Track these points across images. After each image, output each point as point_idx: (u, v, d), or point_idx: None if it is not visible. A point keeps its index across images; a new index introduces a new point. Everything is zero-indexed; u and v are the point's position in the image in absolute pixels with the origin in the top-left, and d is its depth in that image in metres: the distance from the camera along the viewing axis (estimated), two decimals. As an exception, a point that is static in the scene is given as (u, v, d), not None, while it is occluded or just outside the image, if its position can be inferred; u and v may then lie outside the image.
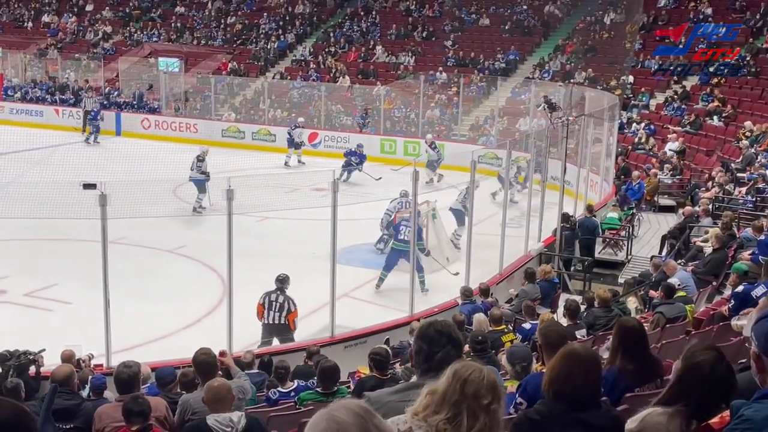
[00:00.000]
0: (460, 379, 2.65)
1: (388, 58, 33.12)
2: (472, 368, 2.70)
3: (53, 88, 34.28)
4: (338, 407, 2.04)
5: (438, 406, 2.63)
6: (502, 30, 33.24)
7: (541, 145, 16.54)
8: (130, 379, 6.29)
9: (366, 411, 2.05)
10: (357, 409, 2.03)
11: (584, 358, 3.38)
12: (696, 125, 23.38)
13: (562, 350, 3.47)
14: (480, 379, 2.66)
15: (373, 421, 2.03)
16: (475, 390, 2.63)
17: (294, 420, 6.35)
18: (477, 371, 2.69)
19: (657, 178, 19.88)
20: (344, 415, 2.01)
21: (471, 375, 2.66)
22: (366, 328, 11.97)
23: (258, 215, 16.12)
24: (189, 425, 5.37)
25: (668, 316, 9.22)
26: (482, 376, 2.68)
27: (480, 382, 2.65)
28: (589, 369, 3.34)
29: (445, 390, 2.65)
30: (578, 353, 3.41)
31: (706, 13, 28.69)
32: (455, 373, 2.68)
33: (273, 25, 36.51)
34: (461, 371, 2.68)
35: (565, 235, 15.49)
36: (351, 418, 2.00)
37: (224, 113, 31.39)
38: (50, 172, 21.08)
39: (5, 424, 1.96)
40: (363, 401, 2.44)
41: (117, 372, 6.40)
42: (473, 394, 2.62)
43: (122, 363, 6.57)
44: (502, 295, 13.31)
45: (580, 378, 3.28)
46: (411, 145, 27.06)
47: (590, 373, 3.33)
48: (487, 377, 2.69)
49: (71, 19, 39.75)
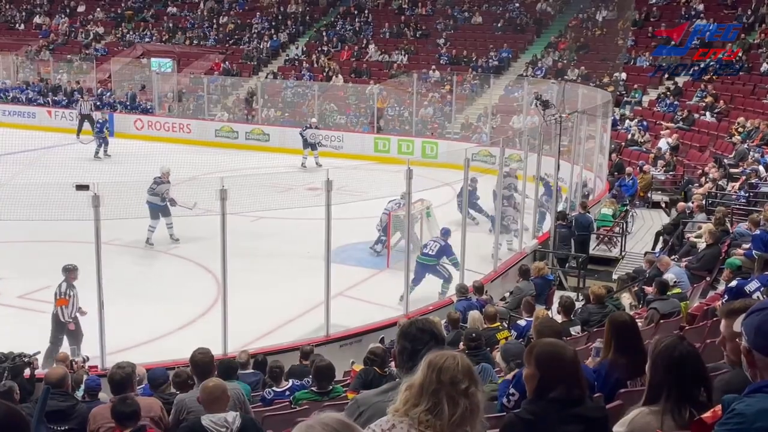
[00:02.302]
0: (435, 368, 2.67)
1: (381, 57, 33.12)
2: (445, 356, 2.72)
3: (45, 89, 34.19)
4: (316, 423, 2.01)
5: (417, 398, 2.64)
6: (494, 28, 33.26)
7: (535, 143, 16.57)
8: (123, 380, 6.29)
9: (344, 425, 2.02)
10: (336, 425, 2.01)
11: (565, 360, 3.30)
12: (689, 121, 23.44)
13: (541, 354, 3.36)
14: (455, 365, 2.68)
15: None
16: (452, 376, 2.65)
17: (289, 419, 6.35)
18: (450, 358, 2.71)
19: (650, 174, 19.93)
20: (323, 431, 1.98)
21: (445, 362, 2.68)
22: (361, 326, 11.97)
23: (252, 215, 16.10)
24: (184, 425, 5.36)
25: (662, 311, 9.24)
26: (456, 362, 2.70)
27: (455, 368, 2.67)
28: (570, 370, 3.28)
29: (422, 381, 2.66)
30: (559, 357, 3.32)
31: (698, 9, 28.74)
32: (429, 363, 2.69)
33: (265, 25, 36.47)
34: (435, 360, 2.70)
35: (561, 232, 15.51)
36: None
37: (217, 113, 31.35)
38: (43, 174, 21.05)
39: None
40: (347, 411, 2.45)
41: (111, 373, 6.41)
42: (450, 381, 2.64)
43: (116, 364, 6.58)
44: (497, 293, 13.34)
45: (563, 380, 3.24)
46: (405, 144, 27.08)
47: (572, 374, 3.27)
48: (461, 362, 2.71)
49: (63, 21, 39.64)
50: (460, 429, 2.61)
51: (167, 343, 11.53)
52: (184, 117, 31.16)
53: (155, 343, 11.55)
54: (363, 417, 3.09)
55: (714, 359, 4.17)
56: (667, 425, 3.08)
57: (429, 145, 26.79)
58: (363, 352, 8.03)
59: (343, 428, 1.98)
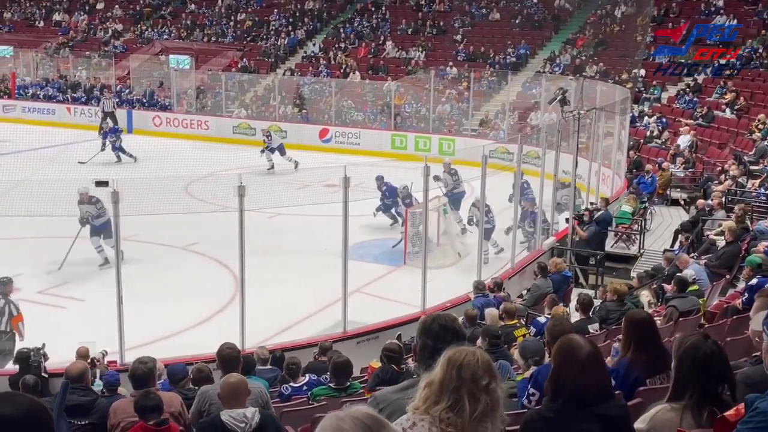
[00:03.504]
0: (456, 365, 2.65)
1: (399, 54, 33.08)
2: (464, 352, 2.70)
3: (65, 86, 34.40)
4: (345, 417, 1.98)
5: (438, 396, 2.63)
6: (512, 24, 33.15)
7: (552, 140, 16.51)
8: (145, 375, 6.32)
9: (375, 421, 2.00)
10: (366, 420, 1.98)
11: (578, 355, 3.27)
12: (708, 118, 23.26)
13: (556, 350, 3.37)
14: (475, 361, 2.66)
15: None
16: (473, 372, 2.63)
17: (307, 415, 6.37)
18: (470, 354, 2.69)
19: (669, 171, 19.80)
20: (351, 426, 1.96)
21: (465, 359, 2.66)
22: (378, 323, 11.97)
23: (269, 211, 16.15)
24: (203, 421, 5.38)
25: (681, 309, 9.18)
26: (476, 357, 2.68)
27: (475, 364, 2.65)
28: (585, 366, 3.24)
29: (442, 378, 2.64)
30: (571, 352, 3.30)
31: (718, 5, 28.50)
32: (449, 360, 2.67)
33: (283, 22, 36.52)
34: (455, 357, 2.68)
35: (590, 230, 15.41)
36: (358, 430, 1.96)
37: (235, 110, 31.44)
38: (63, 170, 21.21)
39: (22, 420, 1.97)
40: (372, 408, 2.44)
41: (132, 368, 6.43)
42: (471, 377, 2.62)
43: (137, 359, 6.60)
44: (514, 290, 13.30)
45: (578, 376, 3.21)
46: (422, 141, 27.06)
47: (587, 370, 3.24)
48: (481, 358, 2.69)
49: (82, 18, 39.87)
50: (481, 425, 2.60)
51: (185, 339, 11.58)
52: (202, 114, 31.28)
53: (173, 339, 11.61)
54: (383, 414, 3.09)
55: (734, 357, 4.15)
56: (687, 423, 3.06)
57: (446, 142, 26.76)
58: (380, 349, 8.03)
59: (371, 422, 1.97)
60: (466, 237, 16.30)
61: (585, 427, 3.12)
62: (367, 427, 1.96)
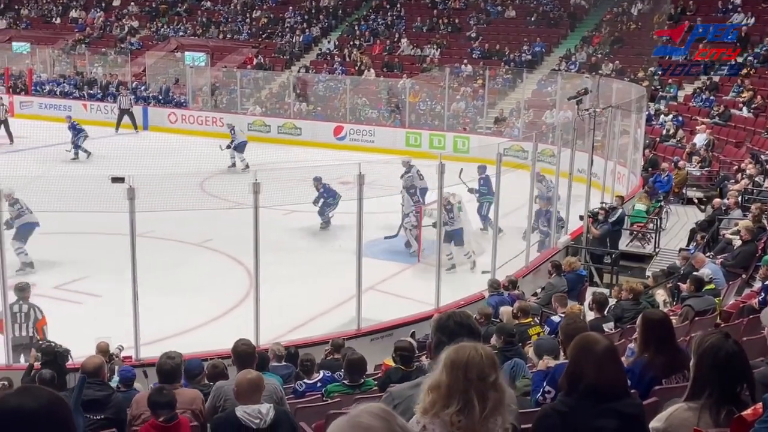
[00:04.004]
0: (461, 366, 2.61)
1: (414, 51, 33.05)
2: (467, 351, 2.66)
3: (81, 83, 34.59)
4: (360, 413, 2.01)
5: (446, 399, 2.60)
6: (528, 22, 33.04)
7: (568, 138, 16.46)
8: (174, 370, 6.31)
9: (388, 413, 2.02)
10: (380, 412, 2.01)
11: (595, 351, 3.27)
12: (725, 117, 23.11)
13: (573, 346, 3.38)
14: (479, 359, 2.63)
15: (396, 422, 2.01)
16: (479, 371, 2.60)
17: (321, 411, 6.38)
18: (472, 351, 2.65)
19: (685, 170, 19.70)
20: (369, 419, 1.98)
21: (470, 358, 2.62)
22: (392, 320, 11.98)
23: (284, 208, 16.18)
24: (218, 416, 5.40)
25: (697, 308, 9.14)
26: (480, 354, 2.64)
27: (480, 361, 2.62)
28: (602, 363, 3.24)
29: (449, 382, 2.61)
30: (588, 348, 3.30)
31: (735, 3, 28.30)
32: (453, 363, 2.63)
33: (298, 19, 36.57)
34: (459, 358, 2.64)
35: (604, 228, 15.36)
36: (377, 422, 1.98)
37: (250, 107, 31.51)
38: (79, 166, 21.35)
39: (43, 413, 1.99)
40: (383, 403, 2.44)
41: (160, 363, 6.40)
42: (478, 377, 2.60)
43: (165, 354, 6.56)
44: (528, 289, 13.28)
45: (595, 372, 3.21)
46: (436, 138, 27.03)
47: (604, 365, 3.24)
48: (485, 353, 2.65)
49: (98, 15, 40.06)
50: (492, 420, 2.59)
51: (200, 335, 11.63)
52: (217, 111, 31.36)
53: (188, 335, 11.64)
54: (397, 410, 3.08)
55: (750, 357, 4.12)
56: (704, 422, 3.05)
57: (460, 139, 26.72)
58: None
59: (386, 414, 2.00)
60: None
61: (601, 422, 3.12)
62: (382, 418, 1.99)
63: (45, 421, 1.98)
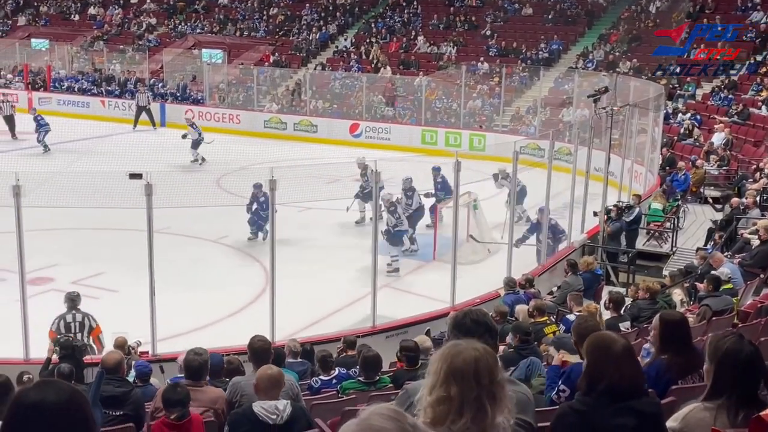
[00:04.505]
0: (471, 374, 2.50)
1: (430, 49, 33.02)
2: (472, 356, 2.52)
3: (99, 79, 34.78)
4: (370, 415, 1.99)
5: (460, 408, 2.49)
6: (545, 19, 32.92)
7: (585, 136, 16.39)
8: (201, 366, 6.29)
9: (398, 413, 2.01)
10: (390, 413, 1.99)
11: (614, 349, 3.26)
12: (744, 115, 22.95)
13: (590, 346, 3.35)
14: (486, 360, 2.52)
15: (408, 422, 1.99)
16: (489, 374, 2.50)
17: (336, 408, 6.40)
18: (479, 354, 2.53)
19: (703, 169, 19.57)
20: (379, 421, 1.96)
21: (479, 363, 2.51)
22: (407, 318, 11.98)
23: (300, 205, 16.23)
24: (235, 412, 5.42)
25: (715, 308, 9.09)
26: (484, 355, 2.53)
27: (487, 363, 2.52)
28: (621, 362, 3.23)
29: (461, 392, 2.49)
30: (606, 347, 3.28)
31: (755, 1, 28.08)
32: (462, 373, 2.50)
33: (315, 16, 36.62)
34: (466, 366, 2.50)
35: (615, 226, 15.27)
36: (388, 423, 1.96)
37: (266, 104, 31.59)
38: (96, 163, 21.47)
39: (63, 406, 2.01)
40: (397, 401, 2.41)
41: (187, 359, 6.36)
42: (489, 380, 2.49)
43: (192, 350, 6.50)
44: (544, 287, 13.23)
45: (614, 370, 3.19)
46: (452, 136, 27.00)
47: (622, 363, 3.23)
48: (488, 354, 2.55)
49: (116, 12, 40.28)
50: (497, 418, 2.55)
51: (215, 331, 11.67)
52: (233, 108, 31.45)
53: (204, 331, 11.70)
54: (414, 408, 3.09)
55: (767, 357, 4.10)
56: (721, 422, 3.04)
57: (477, 137, 26.66)
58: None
59: (396, 414, 1.99)
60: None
61: (619, 421, 3.11)
62: (393, 419, 1.98)
63: (66, 414, 2.01)
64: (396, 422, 1.97)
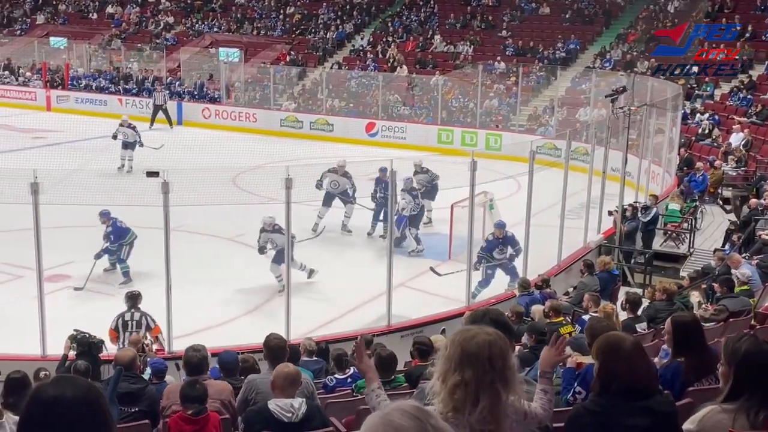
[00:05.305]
0: (485, 358, 2.53)
1: (447, 48, 32.97)
2: (486, 340, 2.55)
3: (117, 78, 34.97)
4: (393, 410, 1.98)
5: (476, 393, 2.53)
6: (562, 19, 32.81)
7: (602, 136, 16.31)
8: (200, 362, 6.40)
9: (422, 412, 2.00)
10: (413, 411, 1.98)
11: (624, 348, 3.26)
12: (762, 116, 22.77)
13: (599, 347, 3.34)
14: (499, 345, 2.55)
15: (429, 422, 1.97)
16: (503, 357, 2.53)
17: (351, 407, 6.40)
18: (493, 338, 2.55)
19: (721, 169, 19.44)
20: (400, 418, 1.95)
21: (492, 348, 2.53)
22: (422, 318, 11.97)
23: (315, 204, 16.24)
24: (251, 409, 5.44)
25: (732, 309, 9.03)
26: (497, 339, 2.55)
27: (500, 347, 2.54)
28: (632, 360, 3.23)
29: (476, 376, 2.53)
30: (616, 347, 3.28)
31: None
32: (477, 357, 2.53)
33: (332, 15, 36.65)
34: (480, 351, 2.54)
35: (631, 225, 15.21)
36: (408, 421, 1.95)
37: (283, 103, 31.65)
38: (114, 161, 21.58)
39: (81, 402, 2.02)
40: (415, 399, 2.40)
41: (186, 356, 6.48)
42: (503, 363, 2.53)
43: (190, 347, 6.64)
44: (560, 288, 13.19)
45: (626, 369, 3.20)
46: (468, 136, 26.94)
47: (634, 361, 3.22)
48: (500, 338, 2.57)
49: (134, 10, 40.48)
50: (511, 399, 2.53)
51: (231, 329, 11.72)
52: (250, 106, 31.54)
53: (220, 329, 11.74)
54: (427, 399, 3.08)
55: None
56: (740, 424, 3.01)
57: (493, 137, 26.59)
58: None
59: (418, 412, 1.98)
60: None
61: (633, 421, 3.10)
62: (415, 417, 1.96)
63: (83, 410, 2.02)
64: (417, 421, 1.95)
